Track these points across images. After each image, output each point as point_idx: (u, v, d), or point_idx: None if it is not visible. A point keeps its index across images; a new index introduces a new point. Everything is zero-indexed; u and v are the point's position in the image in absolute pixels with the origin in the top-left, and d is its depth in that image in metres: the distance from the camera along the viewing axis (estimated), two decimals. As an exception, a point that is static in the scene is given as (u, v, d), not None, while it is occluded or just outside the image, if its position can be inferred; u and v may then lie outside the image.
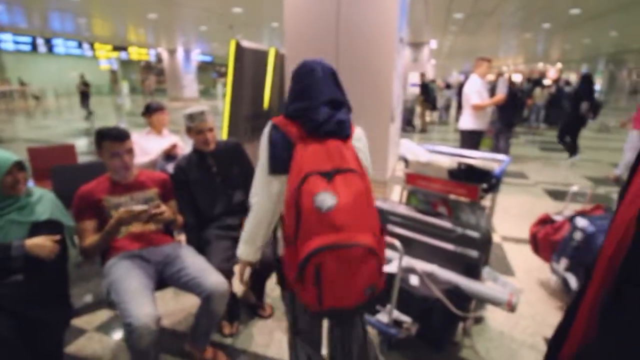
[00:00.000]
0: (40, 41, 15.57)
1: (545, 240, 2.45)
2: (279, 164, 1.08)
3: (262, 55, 4.33)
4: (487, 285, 1.72)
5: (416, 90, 11.27)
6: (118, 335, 1.96)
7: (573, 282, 2.19)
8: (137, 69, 28.26)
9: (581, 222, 2.20)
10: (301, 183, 0.98)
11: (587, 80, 5.98)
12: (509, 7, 9.02)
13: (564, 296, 2.35)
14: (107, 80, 24.91)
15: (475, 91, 4.00)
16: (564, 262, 2.25)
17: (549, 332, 2.01)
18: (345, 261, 0.95)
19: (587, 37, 14.80)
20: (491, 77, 7.65)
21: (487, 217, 1.93)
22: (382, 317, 1.65)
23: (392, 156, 3.97)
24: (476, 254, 1.83)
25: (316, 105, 1.08)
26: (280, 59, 4.48)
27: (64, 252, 1.51)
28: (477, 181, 1.98)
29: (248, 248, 1.19)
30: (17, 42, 14.71)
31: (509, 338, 1.97)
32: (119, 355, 1.81)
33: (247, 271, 1.26)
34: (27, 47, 15.33)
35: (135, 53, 21.02)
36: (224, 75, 31.69)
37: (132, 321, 1.34)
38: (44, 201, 1.55)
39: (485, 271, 1.81)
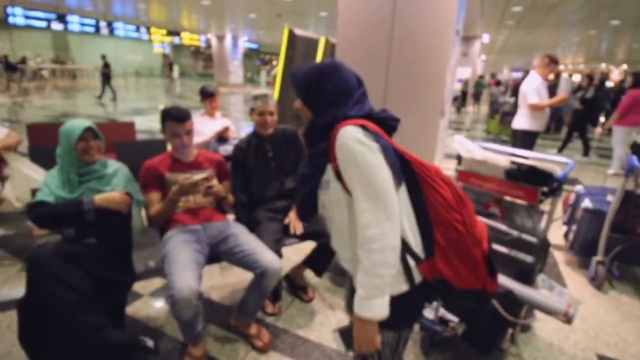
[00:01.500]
0: (102, 24, 16.57)
1: (565, 205, 3.12)
2: (398, 172, 0.92)
3: (312, 44, 4.35)
4: (542, 293, 1.64)
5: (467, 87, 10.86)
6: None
7: (563, 229, 2.95)
8: (188, 54, 29.36)
9: (578, 187, 2.98)
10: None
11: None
12: (574, 1, 8.36)
13: (622, 312, 2.19)
14: (159, 63, 26.08)
15: (534, 89, 3.77)
16: (564, 218, 3.04)
17: (603, 349, 1.91)
18: None
19: (662, 36, 13.45)
20: (551, 76, 7.25)
21: (546, 223, 1.83)
22: (428, 313, 1.63)
23: (439, 152, 3.86)
24: (531, 260, 1.75)
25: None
26: (330, 48, 4.47)
27: (129, 221, 1.63)
28: (537, 183, 1.87)
29: (380, 300, 0.85)
30: (82, 24, 15.75)
31: (558, 350, 1.88)
32: (169, 320, 1.93)
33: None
34: (91, 29, 16.37)
35: (187, 38, 21.83)
36: (267, 63, 32.10)
37: (174, 293, 1.42)
38: (119, 174, 1.67)
39: (540, 278, 1.73)
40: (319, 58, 4.47)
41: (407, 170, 0.93)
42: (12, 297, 2.00)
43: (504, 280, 1.67)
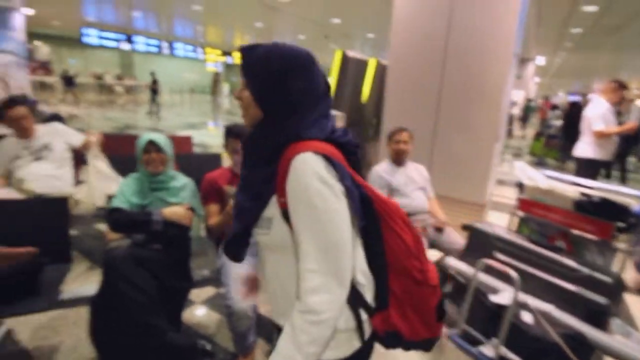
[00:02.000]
0: (164, 44, 17.99)
1: None
2: (360, 219, 0.77)
3: (362, 65, 4.42)
4: (617, 339, 1.49)
5: (514, 110, 10.48)
6: (221, 311, 2.14)
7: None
8: (238, 72, 30.86)
9: None
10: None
11: None
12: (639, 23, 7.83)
13: None
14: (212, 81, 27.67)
15: (600, 115, 3.53)
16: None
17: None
18: None
19: None
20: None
21: (623, 262, 1.68)
22: (487, 350, 1.54)
23: (493, 178, 3.70)
24: (605, 301, 1.60)
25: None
26: (380, 70, 4.50)
27: (188, 232, 1.72)
28: (611, 218, 1.74)
29: None
30: (147, 45, 17.22)
31: (634, 406, 1.68)
32: (220, 329, 1.98)
33: None
34: (155, 49, 17.83)
35: (238, 57, 23.06)
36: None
37: (231, 304, 1.47)
38: (187, 189, 1.78)
39: (615, 323, 1.58)
40: (368, 78, 4.52)
41: (367, 210, 0.77)
42: (80, 294, 2.15)
43: (572, 320, 1.54)
